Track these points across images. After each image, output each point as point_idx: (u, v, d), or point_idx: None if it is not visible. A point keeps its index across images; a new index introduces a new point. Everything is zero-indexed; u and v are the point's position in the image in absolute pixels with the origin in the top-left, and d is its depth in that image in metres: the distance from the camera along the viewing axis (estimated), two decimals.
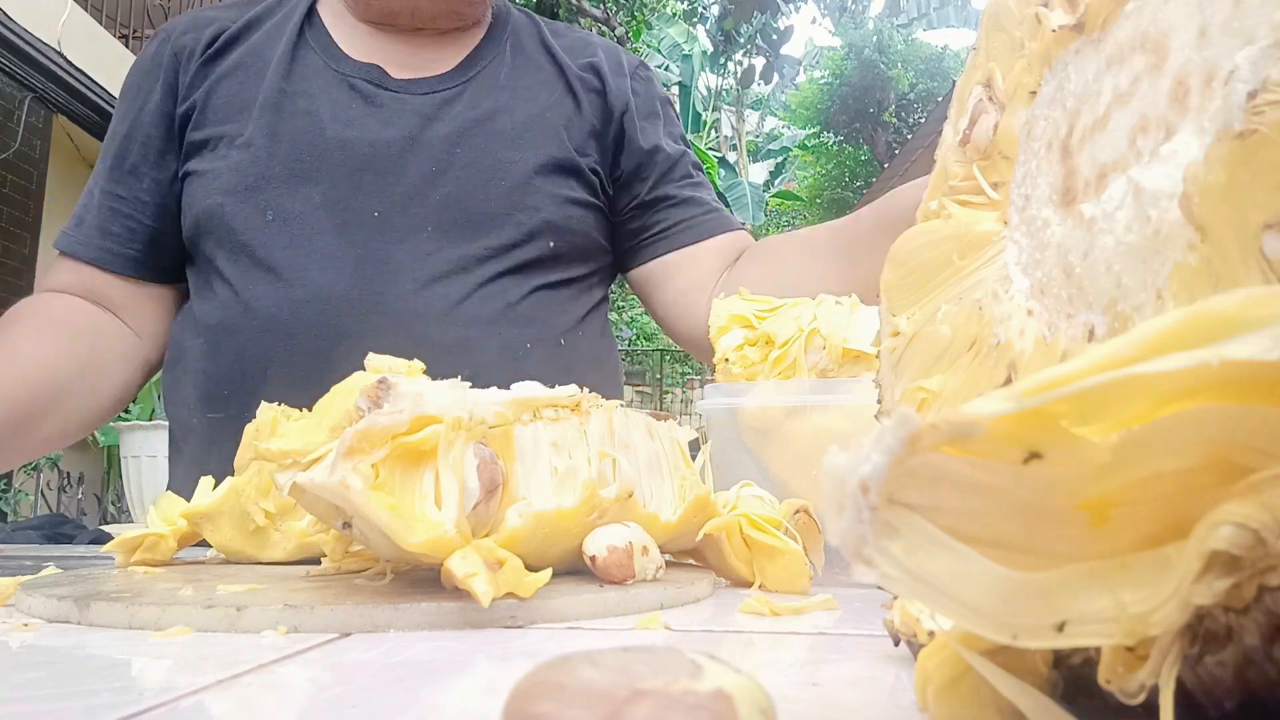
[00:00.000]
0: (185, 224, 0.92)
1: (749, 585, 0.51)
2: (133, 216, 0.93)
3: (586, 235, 0.97)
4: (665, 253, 1.00)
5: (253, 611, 0.39)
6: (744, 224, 1.04)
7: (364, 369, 0.47)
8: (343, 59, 0.94)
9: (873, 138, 13.93)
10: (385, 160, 0.89)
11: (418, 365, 0.48)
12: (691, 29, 14.73)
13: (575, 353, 0.93)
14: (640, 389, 10.86)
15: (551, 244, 0.93)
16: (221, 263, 0.88)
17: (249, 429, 0.59)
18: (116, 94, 5.20)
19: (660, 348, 11.24)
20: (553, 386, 0.48)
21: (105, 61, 4.71)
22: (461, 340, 0.85)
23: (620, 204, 1.00)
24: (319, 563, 0.53)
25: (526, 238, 0.91)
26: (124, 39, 5.41)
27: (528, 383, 0.47)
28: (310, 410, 0.47)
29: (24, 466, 4.37)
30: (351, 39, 0.95)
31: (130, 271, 0.94)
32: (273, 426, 0.55)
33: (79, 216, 0.95)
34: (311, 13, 0.97)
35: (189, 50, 0.95)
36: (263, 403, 0.58)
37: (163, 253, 0.94)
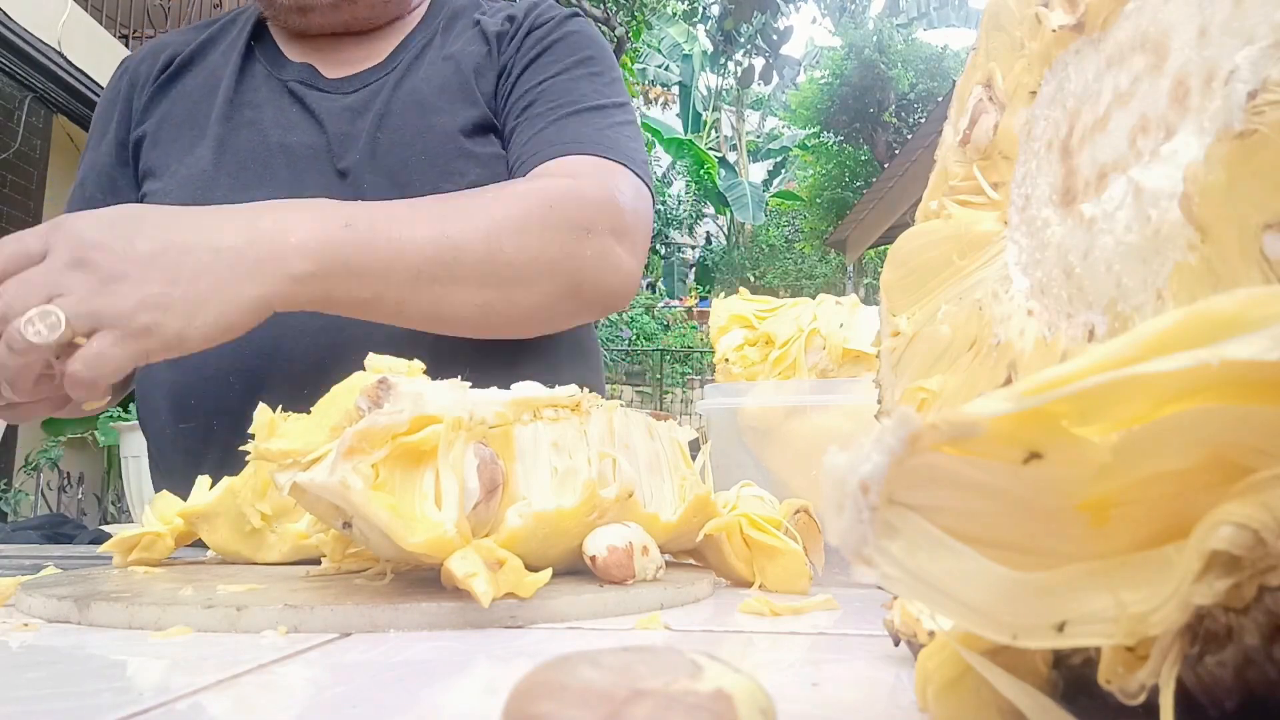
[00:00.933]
0: None
1: (749, 585, 0.51)
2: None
3: None
4: None
5: (253, 611, 0.39)
6: (607, 155, 0.85)
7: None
8: (283, 64, 0.95)
9: (873, 138, 13.93)
10: (324, 160, 0.89)
11: (418, 365, 0.48)
12: (691, 29, 14.73)
13: (542, 338, 0.85)
14: (640, 389, 10.85)
15: None
16: None
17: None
18: None
19: (660, 348, 11.25)
20: (523, 375, 0.48)
21: (105, 61, 4.71)
22: (409, 336, 0.76)
23: None
24: (318, 563, 0.53)
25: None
26: (124, 39, 5.41)
27: (527, 382, 0.47)
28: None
29: (24, 466, 4.38)
30: (290, 44, 0.97)
31: None
32: (271, 427, 0.55)
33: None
34: (260, 25, 0.98)
35: (143, 77, 0.97)
36: (260, 404, 0.58)
37: None
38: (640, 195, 0.85)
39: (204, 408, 0.85)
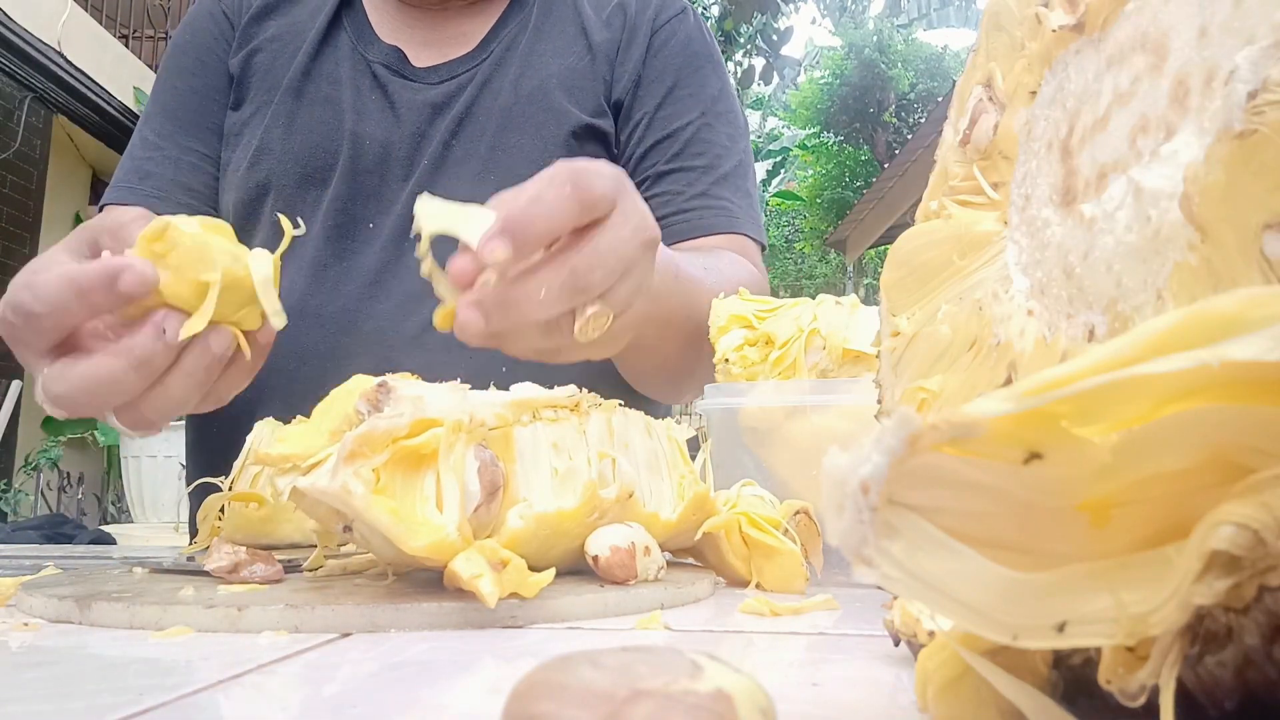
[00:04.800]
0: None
1: (747, 584, 0.51)
2: (211, 174, 0.89)
3: None
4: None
5: (253, 611, 0.39)
6: (754, 235, 0.88)
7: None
8: (371, 41, 0.90)
9: (873, 138, 13.93)
10: (391, 162, 0.85)
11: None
12: None
13: (569, 366, 0.85)
14: None
15: None
16: None
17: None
18: (116, 94, 5.18)
19: None
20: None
21: (105, 61, 4.71)
22: (427, 365, 0.75)
23: None
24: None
25: None
26: (124, 39, 5.41)
27: (526, 384, 0.47)
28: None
29: (24, 466, 4.38)
30: (382, 17, 0.91)
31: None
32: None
33: (142, 170, 0.87)
34: None
35: (237, 7, 0.93)
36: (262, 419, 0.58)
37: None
38: (763, 270, 0.88)
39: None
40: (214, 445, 0.85)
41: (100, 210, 0.84)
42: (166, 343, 0.47)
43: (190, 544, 0.66)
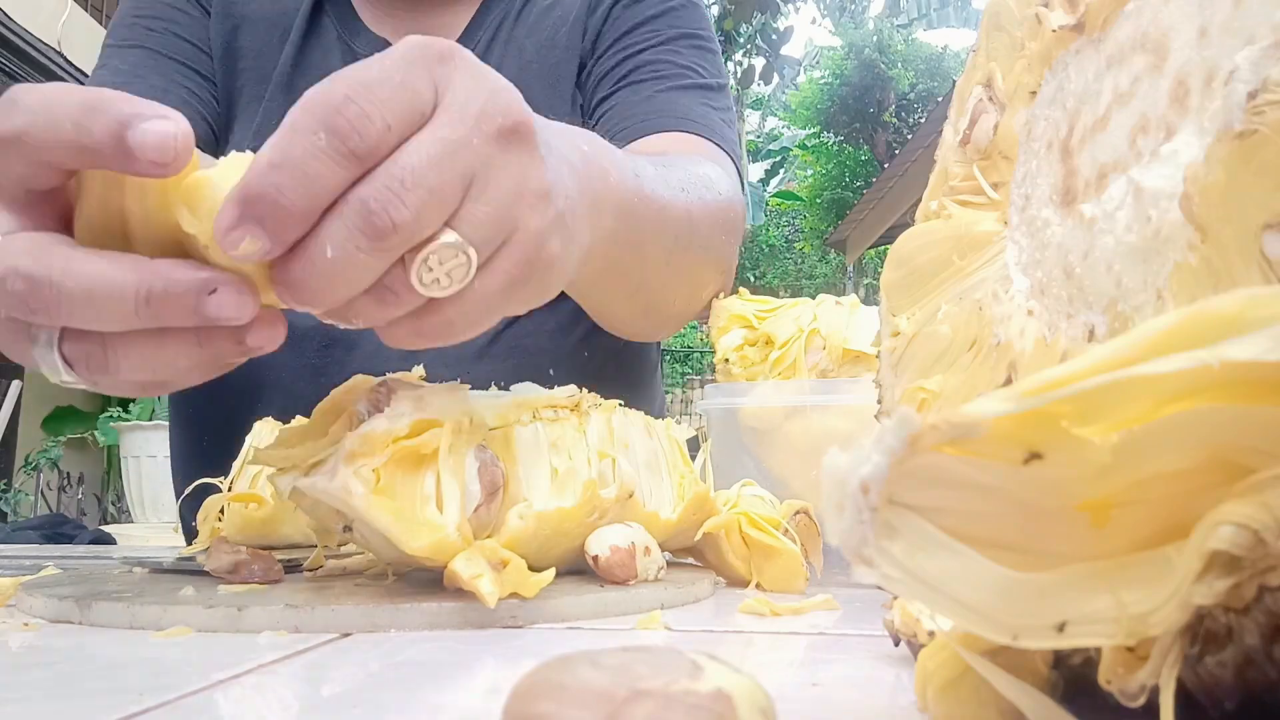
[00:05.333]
0: None
1: (746, 584, 0.51)
2: (200, 112, 0.81)
3: None
4: None
5: (254, 611, 0.39)
6: (722, 144, 0.77)
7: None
8: (357, 32, 0.86)
9: (873, 138, 13.94)
10: None
11: (418, 369, 0.48)
12: None
13: (569, 366, 0.78)
14: None
15: None
16: None
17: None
18: None
19: (660, 347, 11.23)
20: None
21: None
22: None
23: None
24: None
25: None
26: None
27: (526, 384, 0.47)
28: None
29: (24, 466, 4.38)
30: (366, 5, 0.87)
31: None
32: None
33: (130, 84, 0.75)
34: None
35: None
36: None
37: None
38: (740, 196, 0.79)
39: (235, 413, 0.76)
40: (205, 446, 0.85)
41: None
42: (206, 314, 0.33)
43: (190, 545, 0.66)
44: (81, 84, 0.41)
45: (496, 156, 0.36)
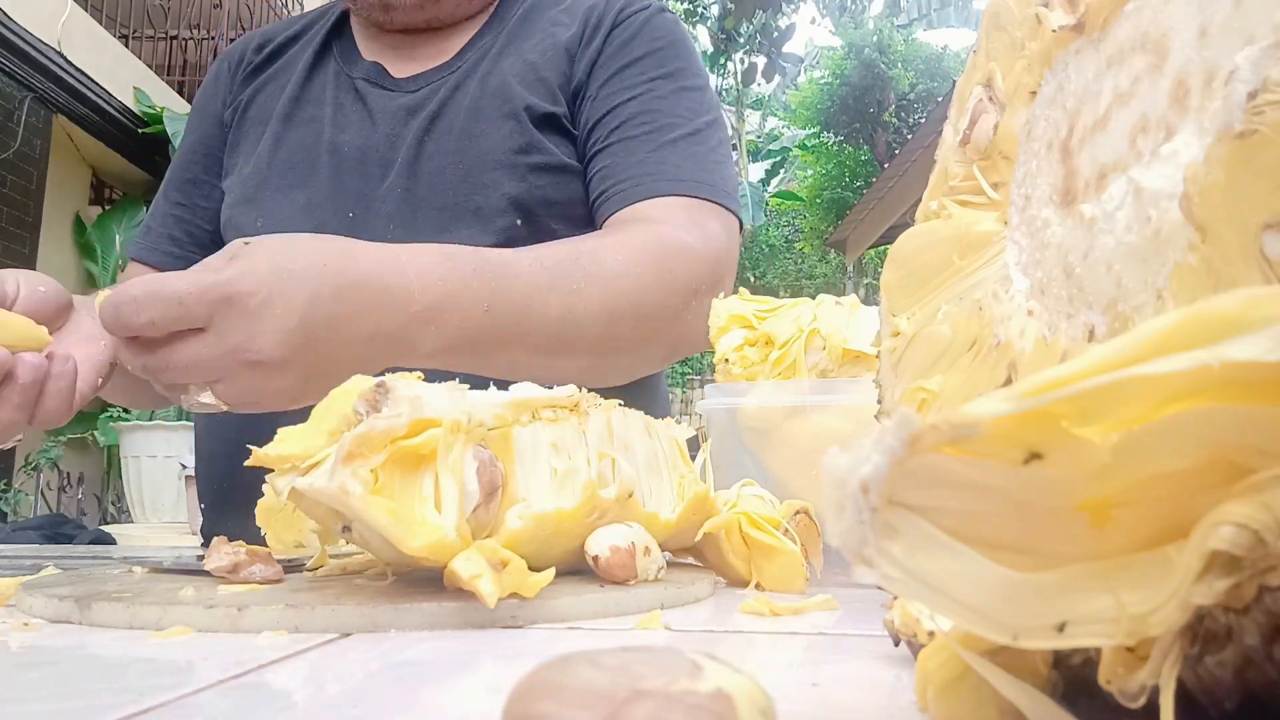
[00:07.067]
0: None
1: (747, 584, 0.51)
2: (194, 223, 0.97)
3: (569, 206, 0.85)
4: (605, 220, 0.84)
5: (253, 611, 0.39)
6: (709, 195, 0.82)
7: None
8: (356, 61, 0.94)
9: (873, 138, 13.93)
10: (368, 164, 0.88)
11: (417, 370, 0.48)
12: (692, 28, 14.73)
13: None
14: None
15: (519, 222, 0.83)
16: None
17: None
18: (116, 94, 5.18)
19: None
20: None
21: (105, 61, 4.71)
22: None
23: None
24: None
25: (489, 222, 0.83)
26: (124, 39, 5.40)
27: (526, 384, 0.47)
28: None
29: (24, 466, 4.38)
30: (366, 40, 0.96)
31: None
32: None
33: (147, 225, 0.99)
34: (343, 20, 0.98)
35: (236, 59, 1.00)
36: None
37: None
38: (732, 236, 0.83)
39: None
40: (228, 449, 0.87)
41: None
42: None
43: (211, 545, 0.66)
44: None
45: (240, 373, 0.57)
